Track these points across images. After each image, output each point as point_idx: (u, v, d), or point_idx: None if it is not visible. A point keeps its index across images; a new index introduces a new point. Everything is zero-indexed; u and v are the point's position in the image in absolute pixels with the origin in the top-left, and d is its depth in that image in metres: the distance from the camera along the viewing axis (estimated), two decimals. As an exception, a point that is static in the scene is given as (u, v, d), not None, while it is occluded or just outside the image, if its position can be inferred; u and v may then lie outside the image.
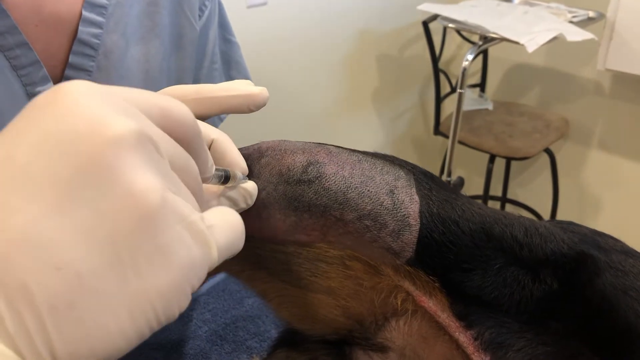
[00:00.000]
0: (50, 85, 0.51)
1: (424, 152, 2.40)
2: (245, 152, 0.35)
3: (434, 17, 1.77)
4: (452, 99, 1.98)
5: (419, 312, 0.39)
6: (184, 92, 0.33)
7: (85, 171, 0.20)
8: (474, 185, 2.33)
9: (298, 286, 0.41)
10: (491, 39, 1.54)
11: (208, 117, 0.36)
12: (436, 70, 1.91)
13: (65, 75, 0.52)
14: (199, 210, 0.26)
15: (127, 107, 0.22)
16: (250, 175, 0.34)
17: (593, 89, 1.92)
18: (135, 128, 0.21)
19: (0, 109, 0.48)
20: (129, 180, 0.21)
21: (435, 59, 1.88)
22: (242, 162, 0.33)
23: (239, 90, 0.33)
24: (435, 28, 1.82)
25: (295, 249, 0.38)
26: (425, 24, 1.80)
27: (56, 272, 0.19)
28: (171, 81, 0.59)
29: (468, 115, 1.89)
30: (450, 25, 1.63)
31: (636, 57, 1.64)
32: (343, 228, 0.34)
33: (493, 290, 0.36)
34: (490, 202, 2.07)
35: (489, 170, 1.87)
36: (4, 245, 0.19)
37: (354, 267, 0.38)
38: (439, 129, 1.95)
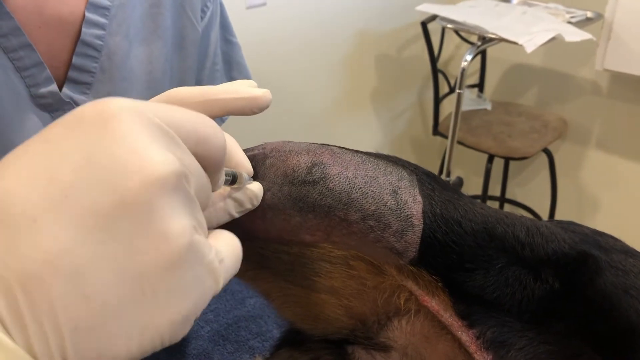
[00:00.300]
0: (53, 87, 0.51)
1: (422, 152, 2.40)
2: (250, 154, 0.35)
3: (433, 18, 1.77)
4: (451, 99, 1.98)
5: (422, 312, 0.39)
6: (188, 94, 0.33)
7: (125, 206, 0.21)
8: (472, 185, 2.33)
9: (301, 286, 0.41)
10: (490, 39, 1.54)
11: (213, 119, 0.36)
12: (435, 71, 1.91)
13: (69, 77, 0.52)
14: (206, 230, 0.27)
15: (170, 138, 0.23)
16: (255, 177, 0.35)
17: (591, 89, 1.93)
18: (179, 169, 0.22)
19: (4, 110, 0.49)
20: (165, 223, 0.22)
21: (433, 59, 1.89)
22: (248, 164, 0.33)
23: (243, 93, 0.34)
24: (433, 28, 1.82)
25: (300, 249, 0.38)
26: (423, 25, 1.80)
27: (83, 299, 0.21)
28: (173, 82, 0.59)
29: (466, 115, 1.90)
30: (449, 25, 1.63)
31: (634, 57, 1.65)
32: (347, 228, 0.34)
33: (495, 289, 0.37)
34: (488, 202, 2.08)
35: (488, 170, 1.87)
36: (39, 265, 0.20)
37: (358, 267, 0.38)
38: (437, 129, 1.95)
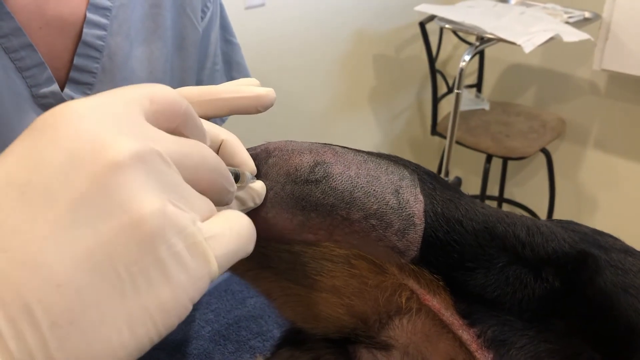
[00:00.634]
0: (55, 87, 0.51)
1: (421, 153, 2.40)
2: (253, 153, 0.36)
3: (431, 18, 1.77)
4: (449, 99, 1.99)
5: (423, 311, 0.39)
6: (192, 94, 0.33)
7: (86, 194, 0.21)
8: (470, 185, 2.33)
9: (303, 285, 0.41)
10: (488, 39, 1.55)
11: (215, 118, 0.36)
12: (433, 71, 1.91)
13: (70, 77, 0.52)
14: (214, 210, 0.26)
15: (127, 121, 0.23)
16: (258, 175, 0.35)
17: (589, 89, 1.93)
18: (137, 148, 0.22)
19: (6, 110, 0.49)
20: (128, 202, 0.21)
21: (432, 60, 1.89)
22: (251, 162, 0.34)
23: (247, 92, 0.34)
24: (432, 28, 1.82)
25: (302, 248, 0.38)
26: (422, 25, 1.81)
27: (56, 289, 0.20)
28: (174, 82, 0.60)
29: (465, 115, 1.90)
30: (447, 26, 1.64)
31: (632, 57, 1.65)
32: (349, 227, 0.35)
33: (496, 288, 0.37)
34: (487, 202, 2.07)
35: (486, 170, 1.87)
36: (4, 263, 0.20)
37: (359, 266, 0.38)
38: (436, 129, 1.96)
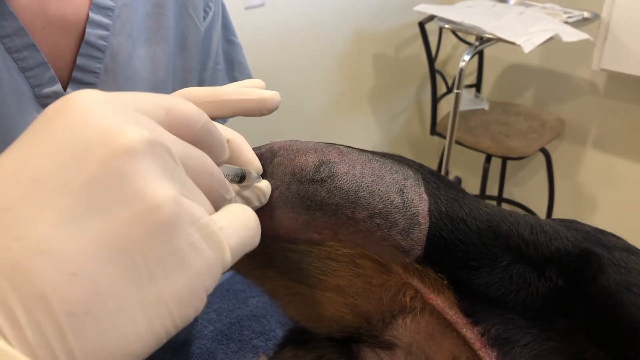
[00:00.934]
0: (57, 87, 0.51)
1: (420, 153, 2.40)
2: (258, 152, 0.36)
3: (430, 18, 1.78)
4: (448, 99, 1.99)
5: (427, 310, 0.39)
6: (197, 95, 0.33)
7: (99, 180, 0.21)
8: (470, 185, 2.34)
9: (307, 284, 0.41)
10: (488, 39, 1.55)
11: (219, 119, 0.36)
12: (432, 71, 1.91)
13: (73, 77, 0.52)
14: (213, 211, 0.26)
15: (137, 115, 0.23)
16: (263, 175, 0.35)
17: (588, 88, 1.94)
18: (148, 136, 0.22)
19: (9, 110, 0.49)
20: (142, 188, 0.21)
21: (431, 60, 1.89)
22: (257, 162, 0.34)
23: (252, 95, 0.34)
24: (431, 28, 1.82)
25: (306, 248, 0.38)
26: (421, 25, 1.81)
27: (71, 279, 0.20)
28: (176, 82, 0.60)
29: (464, 115, 1.90)
30: (447, 26, 1.64)
31: (631, 57, 1.66)
32: (354, 226, 0.35)
33: (500, 287, 0.37)
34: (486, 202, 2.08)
35: (485, 170, 1.88)
36: (19, 253, 0.19)
37: (364, 266, 0.38)
38: (435, 129, 1.96)
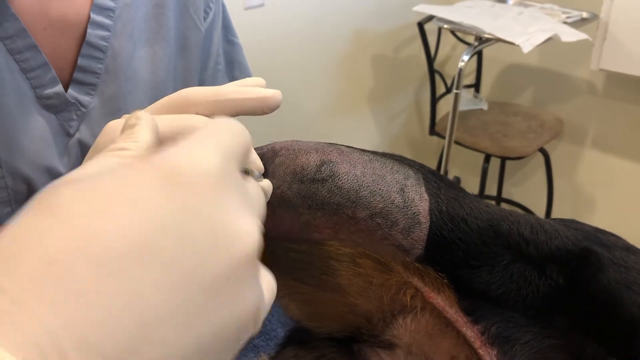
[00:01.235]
0: (59, 87, 0.51)
1: (419, 153, 2.41)
2: (260, 152, 0.36)
3: (429, 18, 1.78)
4: (447, 99, 1.99)
5: (427, 309, 0.40)
6: (199, 95, 0.33)
7: (213, 278, 0.20)
8: (469, 185, 2.34)
9: (308, 284, 0.41)
10: (487, 39, 1.55)
11: (221, 118, 0.36)
12: (431, 71, 1.92)
13: (74, 78, 0.52)
14: None
15: (244, 195, 0.24)
16: (265, 174, 0.35)
17: (587, 88, 1.94)
18: (258, 240, 0.22)
19: (10, 111, 0.49)
20: (246, 294, 0.21)
21: (430, 60, 1.89)
22: (258, 161, 0.34)
23: (254, 94, 0.34)
24: (430, 29, 1.83)
25: (307, 247, 0.38)
26: (420, 25, 1.81)
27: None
28: (177, 82, 0.60)
29: (463, 115, 1.90)
30: (446, 26, 1.64)
31: (629, 57, 1.66)
32: (355, 226, 0.35)
33: (500, 286, 0.37)
34: (485, 202, 2.08)
35: (484, 170, 1.88)
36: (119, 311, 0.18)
37: (364, 265, 0.38)
38: (434, 129, 1.96)
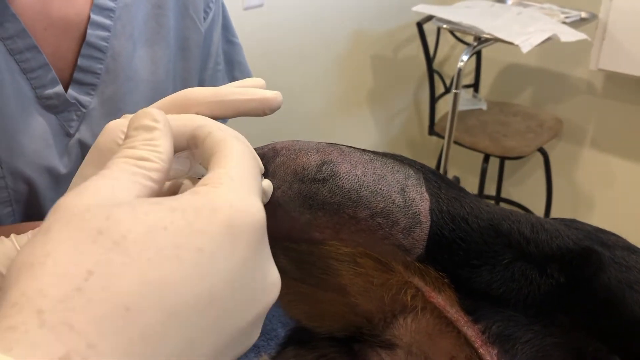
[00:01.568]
0: (59, 88, 0.51)
1: (418, 152, 2.41)
2: (260, 152, 0.36)
3: (428, 18, 1.78)
4: (446, 99, 1.99)
5: (428, 308, 0.40)
6: (200, 95, 0.33)
7: (249, 321, 0.26)
8: (468, 184, 2.34)
9: (309, 284, 0.41)
10: (486, 39, 1.55)
11: (222, 119, 0.36)
12: (430, 71, 1.92)
13: (74, 78, 0.52)
14: None
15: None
16: (265, 174, 0.35)
17: (586, 88, 1.94)
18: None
19: (11, 112, 0.49)
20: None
21: (429, 60, 1.89)
22: (259, 161, 0.34)
23: (255, 94, 0.34)
24: (429, 29, 1.83)
25: (308, 247, 0.38)
26: (419, 25, 1.81)
27: None
28: (177, 83, 0.60)
29: (462, 115, 1.90)
30: (445, 26, 1.64)
31: (628, 57, 1.66)
32: (356, 226, 0.35)
33: (501, 285, 0.37)
34: (484, 202, 2.08)
35: (484, 170, 1.88)
36: None
37: (365, 265, 0.38)
38: (433, 129, 1.96)
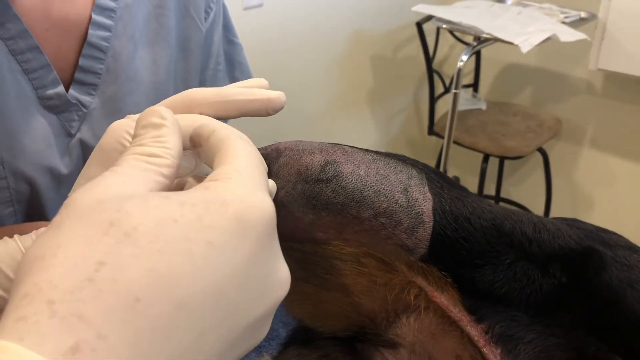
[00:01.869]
0: (60, 88, 0.51)
1: (418, 152, 2.41)
2: (264, 152, 0.36)
3: (428, 18, 1.78)
4: (446, 99, 1.99)
5: (431, 308, 0.40)
6: (203, 95, 0.33)
7: (260, 314, 0.25)
8: (467, 184, 2.34)
9: (312, 283, 0.41)
10: (485, 39, 1.55)
11: (226, 119, 0.36)
12: (430, 71, 1.92)
13: (75, 78, 0.52)
14: None
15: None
16: (269, 175, 0.35)
17: (585, 88, 1.94)
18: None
19: (12, 112, 0.49)
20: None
21: (429, 60, 1.89)
22: (263, 160, 0.34)
23: (258, 95, 0.34)
24: (429, 29, 1.83)
25: (311, 247, 0.38)
26: (419, 25, 1.81)
27: None
28: (178, 83, 0.60)
29: (462, 115, 1.90)
30: (444, 26, 1.64)
31: (627, 57, 1.66)
32: (359, 226, 0.35)
33: (504, 284, 0.37)
34: (484, 201, 2.08)
35: (483, 170, 1.88)
36: None
37: (368, 264, 0.38)
38: (433, 129, 1.96)
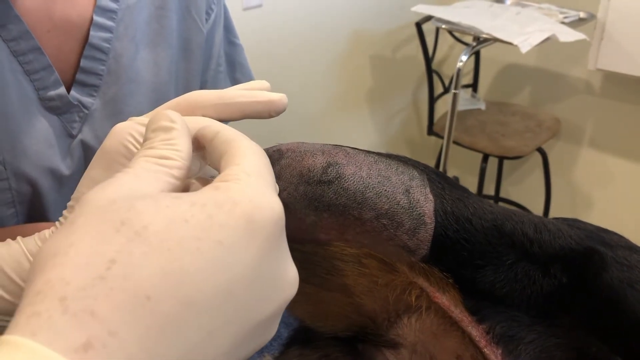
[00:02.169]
0: (61, 90, 0.51)
1: (417, 152, 2.41)
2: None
3: (427, 18, 1.78)
4: (445, 99, 1.99)
5: (432, 309, 0.40)
6: (206, 98, 0.34)
7: (269, 314, 0.26)
8: (467, 184, 2.34)
9: (313, 284, 0.42)
10: (485, 39, 1.56)
11: (228, 121, 0.36)
12: (429, 71, 1.92)
13: (77, 79, 0.52)
14: None
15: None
16: None
17: (584, 88, 1.95)
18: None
19: (14, 113, 0.49)
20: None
21: (428, 60, 1.90)
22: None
23: (260, 97, 0.34)
24: (428, 29, 1.83)
25: (313, 248, 0.38)
26: (418, 25, 1.81)
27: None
28: (179, 84, 0.60)
29: (461, 115, 1.91)
30: (444, 26, 1.64)
31: (626, 57, 1.67)
32: (361, 227, 0.35)
33: (505, 285, 0.37)
34: (483, 201, 2.08)
35: (482, 170, 1.88)
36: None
37: (370, 265, 0.39)
38: (432, 129, 1.96)
